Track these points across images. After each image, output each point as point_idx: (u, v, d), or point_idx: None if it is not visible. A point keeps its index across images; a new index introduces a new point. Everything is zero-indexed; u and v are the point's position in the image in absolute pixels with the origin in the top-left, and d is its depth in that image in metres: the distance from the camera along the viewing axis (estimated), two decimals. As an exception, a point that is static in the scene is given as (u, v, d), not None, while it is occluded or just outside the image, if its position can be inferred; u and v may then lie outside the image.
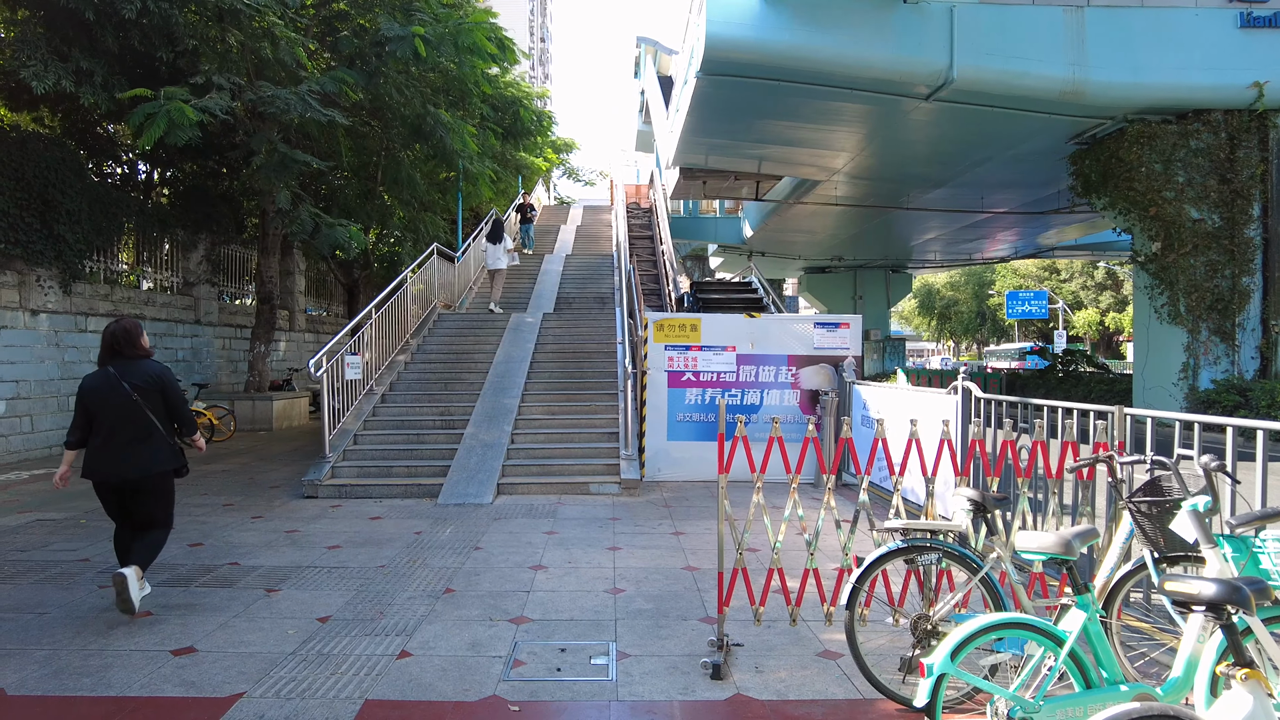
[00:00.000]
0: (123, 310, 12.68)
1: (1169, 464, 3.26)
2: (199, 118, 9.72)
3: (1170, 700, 2.63)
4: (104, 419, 4.57)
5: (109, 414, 4.57)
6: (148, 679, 3.66)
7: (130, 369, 4.63)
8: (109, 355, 4.69)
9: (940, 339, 61.61)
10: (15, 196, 10.45)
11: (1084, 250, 32.72)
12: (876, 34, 12.52)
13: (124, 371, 4.61)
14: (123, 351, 4.68)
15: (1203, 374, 13.38)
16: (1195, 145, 13.42)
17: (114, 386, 4.57)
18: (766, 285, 17.73)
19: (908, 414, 5.63)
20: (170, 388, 4.73)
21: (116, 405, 4.56)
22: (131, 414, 4.58)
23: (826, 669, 3.81)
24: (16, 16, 10.91)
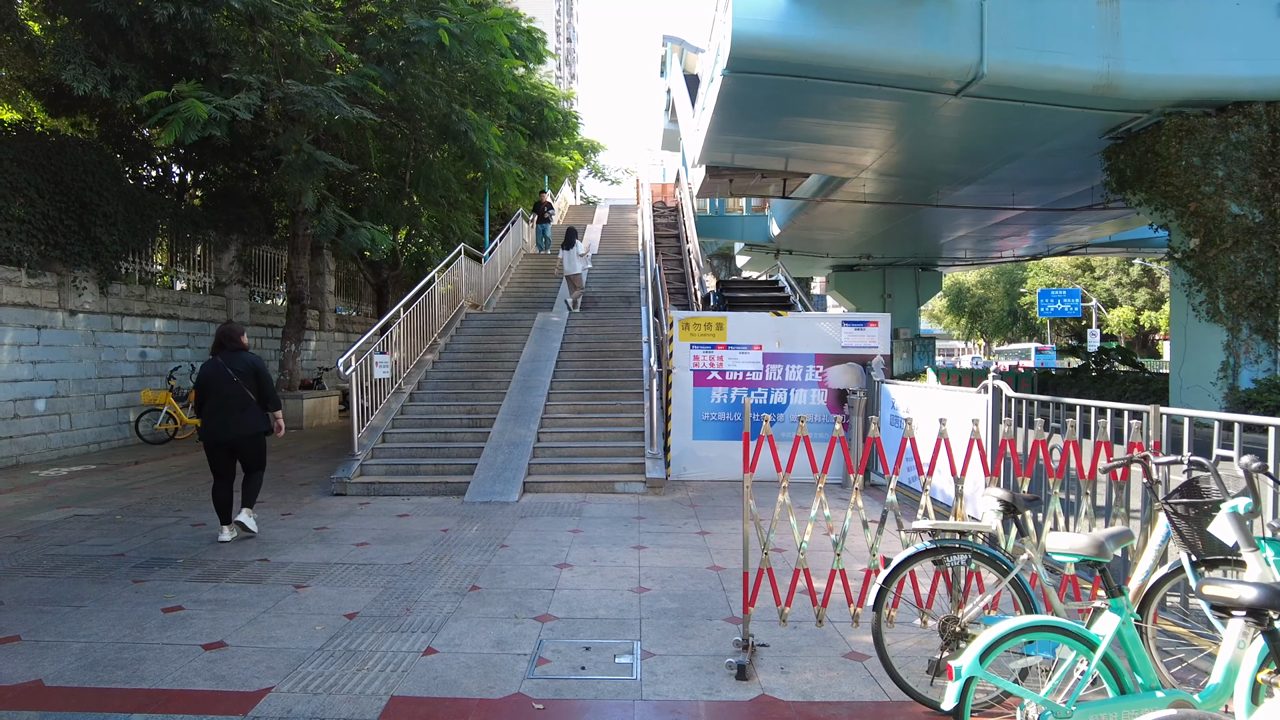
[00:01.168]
0: (157, 310, 12.92)
1: (1207, 465, 3.18)
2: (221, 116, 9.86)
3: (1209, 708, 2.56)
4: (214, 395, 6.13)
5: (218, 391, 6.12)
6: (180, 672, 3.72)
7: (233, 359, 6.20)
8: (218, 348, 6.29)
9: (971, 338, 60.77)
10: (55, 200, 10.69)
11: (1118, 247, 32.07)
12: (904, 29, 12.36)
13: (228, 360, 6.17)
14: (227, 346, 6.27)
15: (1243, 373, 13.04)
16: (1235, 138, 13.08)
17: (221, 371, 6.13)
18: (793, 284, 17.64)
19: (937, 413, 5.55)
20: (262, 373, 6.30)
21: (223, 385, 6.11)
22: (234, 391, 6.12)
23: (853, 670, 3.77)
24: (56, 24, 11.17)
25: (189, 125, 9.74)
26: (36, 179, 10.38)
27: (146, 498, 8.04)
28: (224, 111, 10.02)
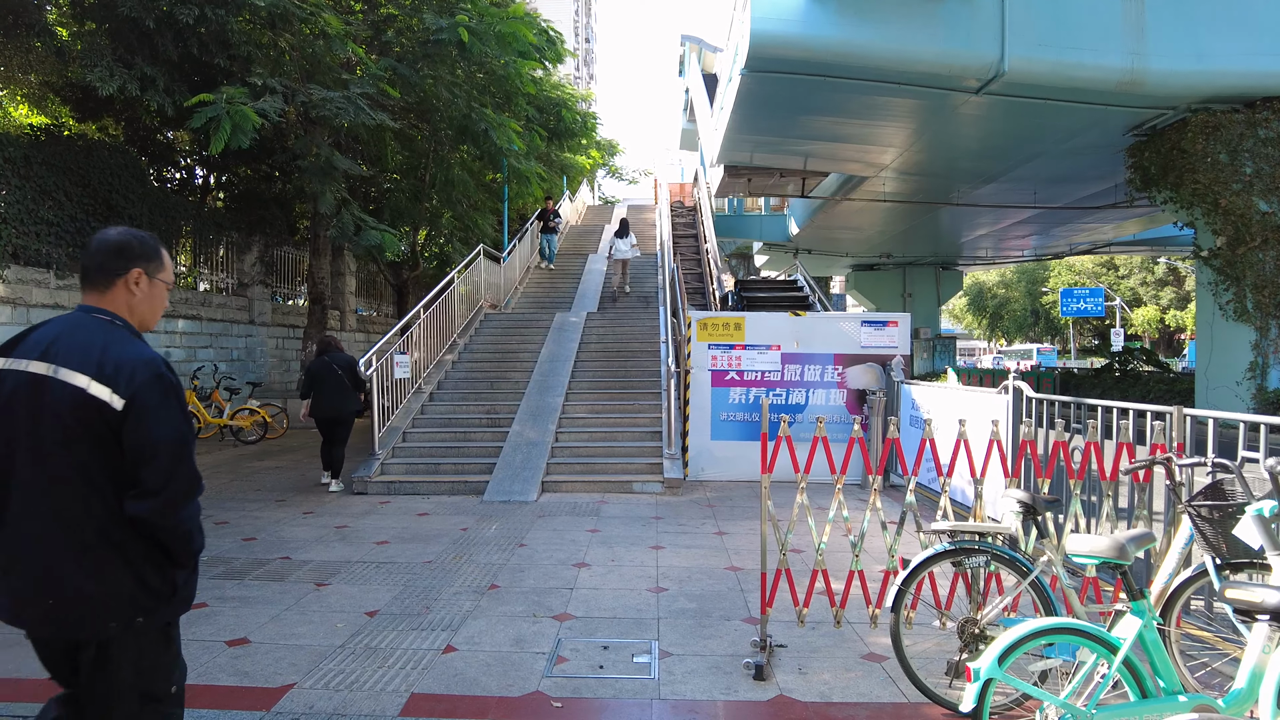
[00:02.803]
0: (180, 311, 13.11)
1: (1232, 467, 3.14)
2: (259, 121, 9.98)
3: (1233, 713, 2.53)
4: (322, 385, 8.59)
5: (324, 382, 8.58)
6: (204, 668, 3.77)
7: (335, 358, 8.71)
8: (321, 351, 8.84)
9: (993, 338, 60.23)
10: (82, 203, 10.89)
11: (1143, 245, 31.63)
12: (924, 26, 12.27)
13: (333, 359, 8.67)
14: (329, 350, 8.82)
15: (1272, 373, 12.82)
16: (1264, 134, 12.86)
17: (328, 367, 8.61)
18: (812, 283, 17.56)
19: (957, 414, 5.51)
20: (355, 369, 8.76)
21: (328, 377, 8.58)
22: (337, 383, 8.59)
23: (871, 672, 3.76)
24: (84, 29, 11.36)
25: (238, 131, 9.85)
26: (65, 182, 10.58)
27: (171, 496, 8.15)
28: (263, 117, 10.15)
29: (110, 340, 1.95)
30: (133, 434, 1.90)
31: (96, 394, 1.88)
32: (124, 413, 1.89)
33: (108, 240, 2.06)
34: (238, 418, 12.20)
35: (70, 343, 1.93)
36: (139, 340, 2.03)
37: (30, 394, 1.91)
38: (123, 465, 1.92)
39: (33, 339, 1.97)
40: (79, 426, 1.89)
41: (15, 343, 1.98)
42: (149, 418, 1.91)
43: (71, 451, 1.90)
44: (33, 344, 1.95)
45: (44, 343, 1.94)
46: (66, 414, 1.89)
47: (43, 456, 1.90)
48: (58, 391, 1.89)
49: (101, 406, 1.88)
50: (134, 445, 1.90)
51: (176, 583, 2.03)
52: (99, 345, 1.93)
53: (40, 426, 1.90)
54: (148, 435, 1.91)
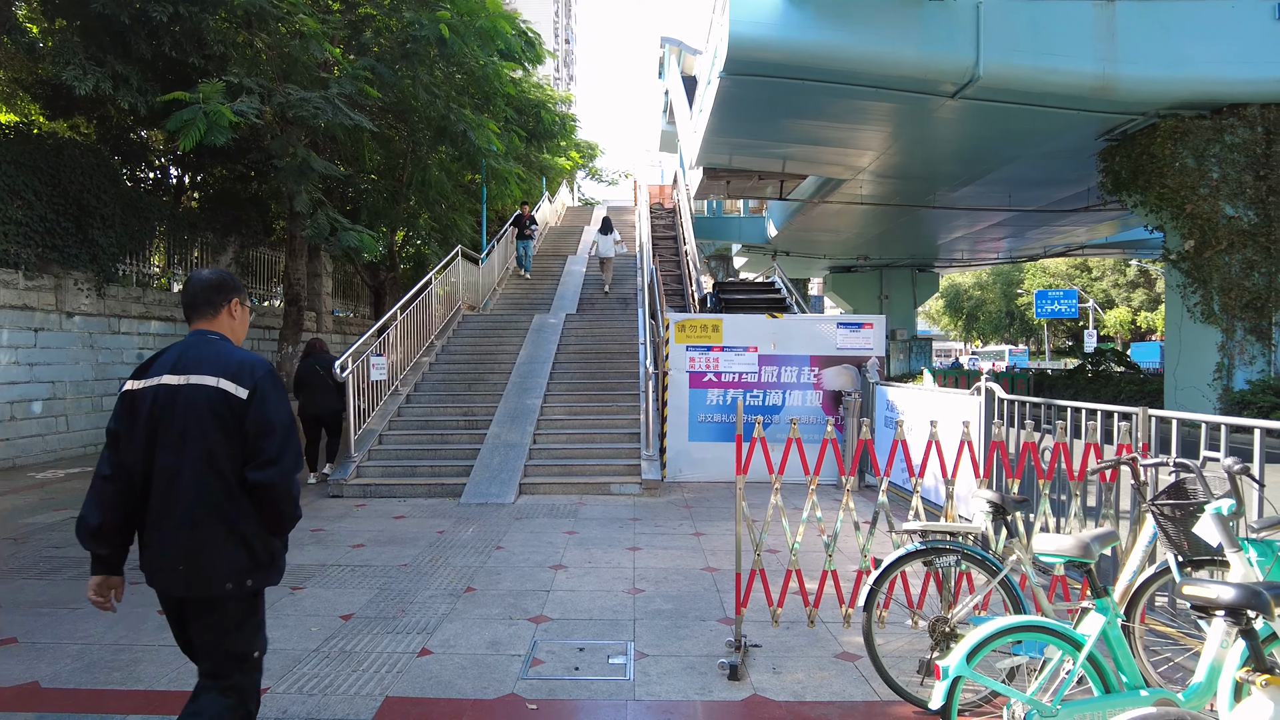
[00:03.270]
0: (154, 313, 12.92)
1: (1193, 466, 3.21)
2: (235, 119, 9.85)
3: (1192, 706, 2.59)
4: (308, 387, 9.12)
5: (310, 384, 9.11)
6: (175, 673, 3.74)
7: (320, 359, 9.21)
8: (308, 354, 9.40)
9: (969, 339, 60.89)
10: (52, 202, 10.71)
11: (1115, 248, 32.17)
12: (902, 31, 12.41)
13: (316, 360, 9.17)
14: (315, 352, 9.36)
15: (1237, 374, 13.09)
16: (1230, 140, 13.14)
17: (311, 369, 9.13)
18: (790, 285, 17.66)
19: (931, 415, 5.58)
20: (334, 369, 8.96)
21: (313, 380, 9.09)
22: (322, 383, 9.04)
23: (844, 670, 3.80)
24: (55, 26, 11.18)
25: (214, 129, 9.67)
26: (34, 181, 10.40)
27: (143, 499, 8.05)
28: (240, 116, 10.01)
29: (226, 350, 2.50)
30: (255, 415, 2.39)
31: (225, 387, 2.39)
32: (247, 400, 2.39)
33: (208, 280, 2.61)
34: (212, 420, 12.06)
35: (195, 356, 2.45)
36: (240, 348, 2.57)
37: (167, 400, 2.40)
38: (241, 451, 2.39)
39: (160, 362, 2.49)
40: (210, 416, 2.37)
41: (146, 368, 2.51)
42: (268, 403, 2.42)
43: (203, 441, 2.36)
44: (161, 365, 2.47)
45: (171, 361, 2.46)
46: (201, 407, 2.37)
47: (177, 448, 2.37)
48: (193, 392, 2.39)
49: (229, 396, 2.39)
50: (255, 424, 2.38)
51: (274, 553, 2.50)
52: (220, 354, 2.46)
53: (176, 423, 2.38)
54: (267, 416, 2.40)
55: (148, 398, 2.43)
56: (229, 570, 2.38)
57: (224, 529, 2.38)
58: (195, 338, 2.54)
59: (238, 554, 2.40)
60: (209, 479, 2.37)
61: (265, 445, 2.38)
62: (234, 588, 2.39)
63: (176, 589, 2.42)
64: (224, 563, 2.38)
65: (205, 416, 2.37)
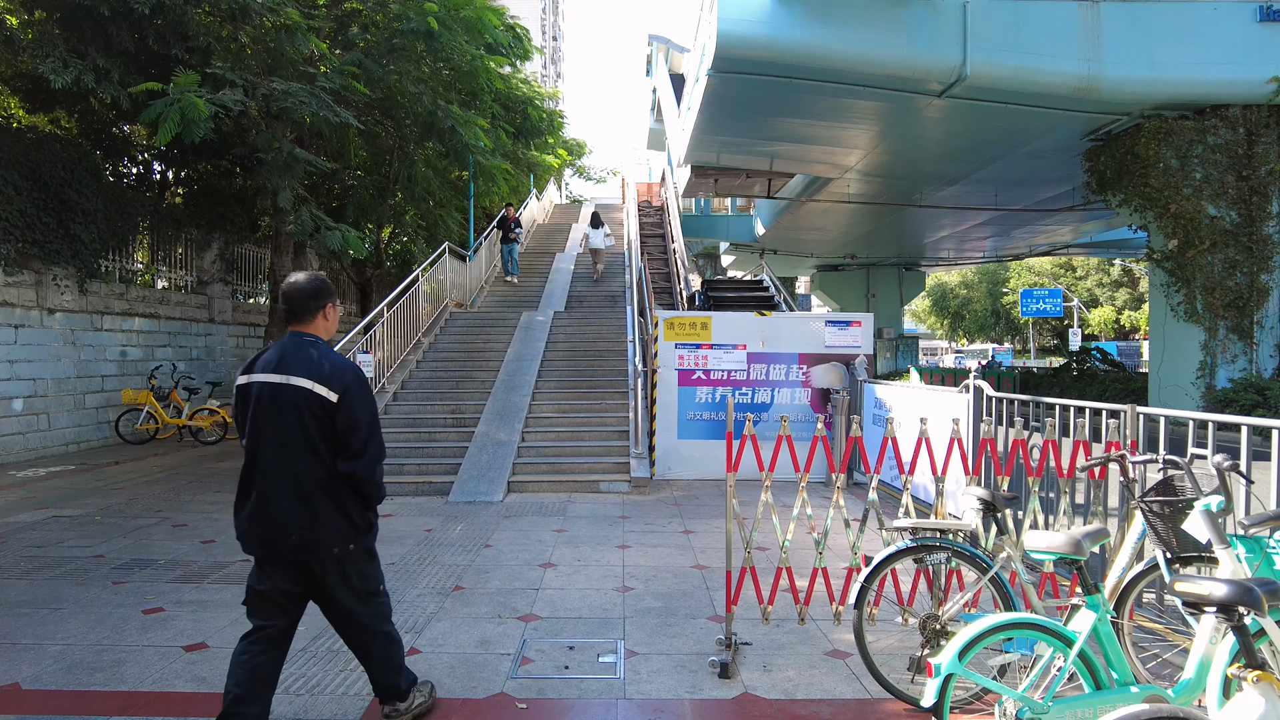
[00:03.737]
0: (138, 309, 12.79)
1: (1182, 463, 3.23)
2: (213, 110, 9.70)
3: (1182, 702, 2.61)
4: None
5: None
6: (160, 674, 3.69)
7: None
8: None
9: (955, 337, 61.26)
10: (33, 197, 10.57)
11: (1100, 248, 32.42)
12: (889, 31, 12.44)
13: None
14: None
15: (1220, 373, 13.22)
16: (1213, 141, 13.26)
17: None
18: (778, 283, 17.70)
19: (919, 412, 5.59)
20: None
21: None
22: None
23: (835, 668, 3.80)
24: (34, 17, 11.02)
25: (188, 123, 9.52)
26: (14, 176, 10.26)
27: (127, 498, 7.96)
28: (220, 108, 9.86)
29: (320, 354, 2.89)
30: (344, 415, 2.84)
31: (319, 391, 2.81)
32: (338, 402, 2.83)
33: (306, 289, 2.98)
34: (197, 418, 11.95)
35: (294, 359, 2.86)
36: (335, 351, 2.95)
37: (271, 395, 2.83)
38: (335, 438, 2.85)
39: (263, 360, 2.91)
40: (308, 412, 2.81)
41: (251, 365, 2.93)
42: (355, 404, 2.86)
43: (303, 431, 2.81)
44: (264, 363, 2.89)
45: (273, 361, 2.87)
46: (300, 404, 2.81)
47: (283, 436, 2.81)
48: (292, 392, 2.82)
49: (323, 399, 2.81)
50: (345, 422, 2.84)
51: (371, 520, 3.05)
52: (315, 359, 2.86)
53: (280, 415, 2.82)
54: (355, 415, 2.86)
55: (253, 391, 2.87)
56: (336, 537, 2.87)
57: (331, 503, 2.86)
58: (293, 340, 2.94)
59: (342, 523, 2.89)
60: (314, 462, 2.83)
61: (352, 441, 2.86)
62: (340, 551, 2.89)
63: (289, 554, 2.86)
64: (331, 531, 2.86)
65: (304, 412, 2.81)
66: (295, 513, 2.82)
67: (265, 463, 2.83)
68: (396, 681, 3.12)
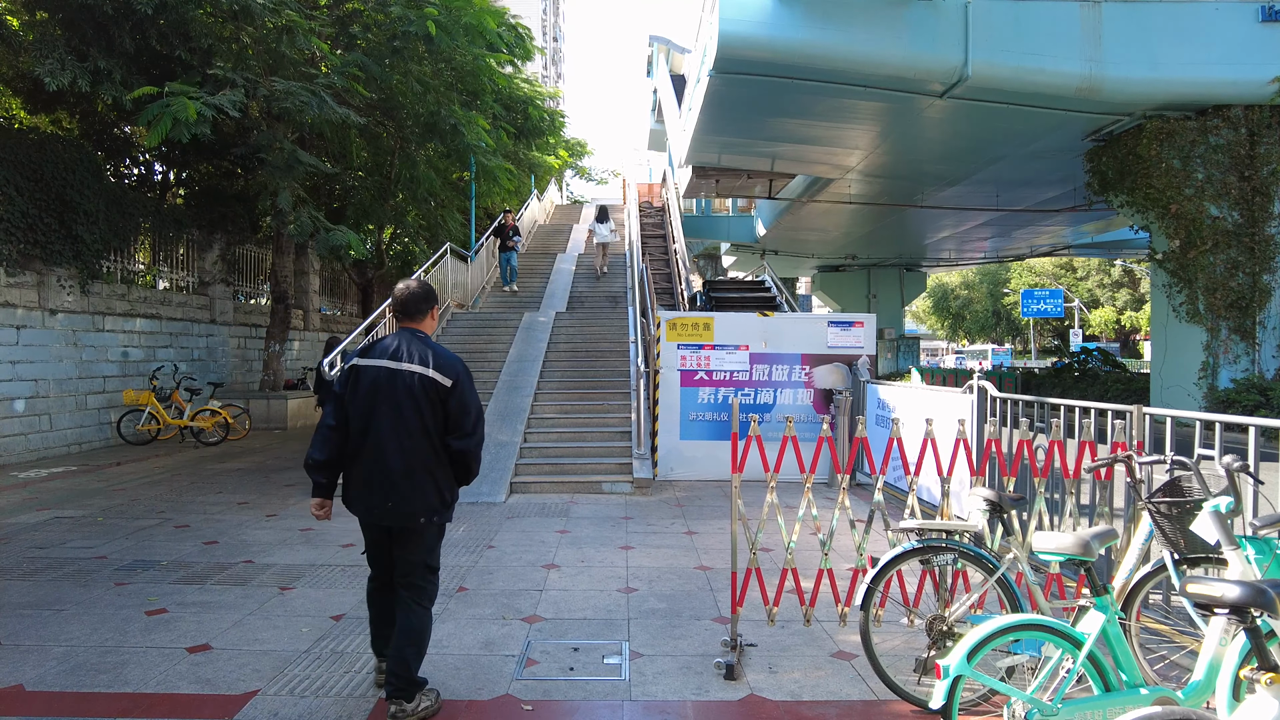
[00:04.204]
0: (139, 310, 12.78)
1: (1189, 464, 3.22)
2: (208, 113, 9.70)
3: (1191, 704, 2.59)
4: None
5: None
6: (163, 676, 3.68)
7: None
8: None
9: (955, 338, 61.25)
10: (34, 197, 10.56)
11: (1101, 248, 32.41)
12: (890, 31, 12.44)
13: None
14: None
15: (1222, 373, 13.22)
16: (1214, 141, 13.26)
17: None
18: (780, 284, 17.68)
19: (923, 413, 5.58)
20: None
21: None
22: None
23: (841, 670, 3.79)
24: (36, 18, 11.02)
25: (178, 125, 9.54)
26: (16, 176, 10.25)
27: (129, 499, 7.95)
28: (211, 109, 9.86)
29: (430, 348, 3.30)
30: (457, 400, 3.23)
31: (434, 376, 3.21)
32: (451, 388, 3.23)
33: (418, 293, 3.42)
34: (199, 419, 11.94)
35: (408, 350, 3.25)
36: (441, 346, 3.37)
37: (387, 379, 3.20)
38: (446, 419, 3.23)
39: (380, 348, 3.29)
40: (422, 396, 3.19)
41: (368, 351, 3.30)
42: (465, 391, 3.26)
43: (417, 412, 3.19)
44: (381, 350, 3.27)
45: (389, 350, 3.26)
46: (415, 388, 3.19)
47: (395, 416, 3.18)
48: (409, 377, 3.20)
49: (437, 384, 3.21)
50: (457, 406, 3.23)
51: (455, 497, 3.37)
52: (427, 351, 3.28)
53: (395, 397, 3.19)
54: (466, 401, 3.26)
55: (370, 374, 3.23)
56: (425, 509, 3.22)
57: (428, 479, 3.21)
58: (407, 334, 3.34)
59: (433, 498, 3.23)
60: (422, 440, 3.19)
61: (464, 422, 3.25)
62: (425, 521, 3.23)
63: (384, 520, 3.24)
64: (423, 503, 3.21)
65: (418, 395, 3.18)
66: (399, 482, 3.17)
67: (377, 437, 3.18)
68: (412, 670, 3.22)
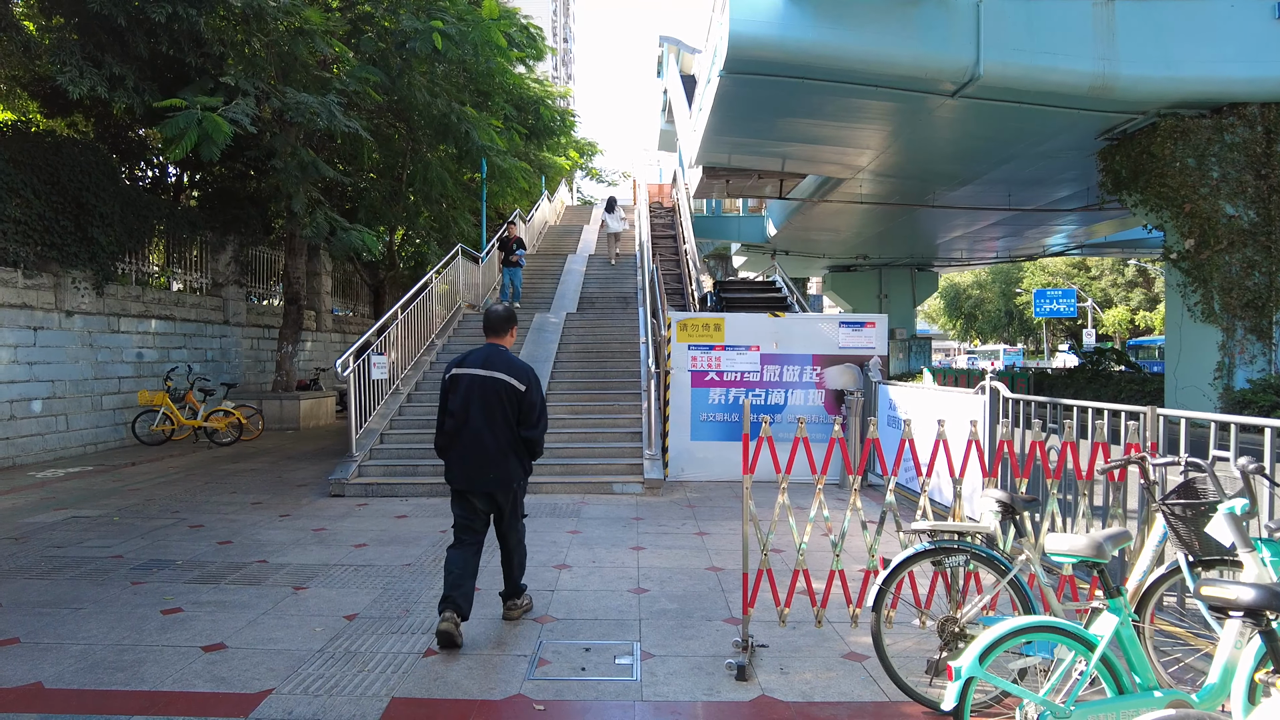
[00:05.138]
0: (153, 311, 12.89)
1: (1204, 465, 3.20)
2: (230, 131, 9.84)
3: (1206, 707, 2.58)
4: None
5: None
6: (179, 674, 3.72)
7: None
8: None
9: (967, 338, 60.90)
10: (51, 200, 10.67)
11: (1114, 247, 32.14)
12: (901, 30, 12.38)
13: None
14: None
15: (1238, 373, 13.08)
16: (1230, 140, 13.12)
17: None
18: (790, 284, 17.64)
19: (934, 414, 5.56)
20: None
21: None
22: None
23: (852, 671, 3.78)
24: (52, 24, 11.13)
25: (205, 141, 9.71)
26: (33, 180, 10.37)
27: (144, 499, 8.02)
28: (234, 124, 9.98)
29: (511, 359, 4.33)
30: (527, 400, 4.26)
31: (513, 382, 4.23)
32: (524, 392, 4.25)
33: (503, 315, 4.48)
34: (212, 419, 12.03)
35: (496, 360, 4.29)
36: (516, 357, 4.37)
37: (480, 384, 4.22)
38: (520, 414, 4.26)
39: (471, 358, 4.32)
40: (506, 398, 4.22)
41: (462, 361, 4.34)
42: (534, 394, 4.31)
43: (501, 408, 4.22)
44: (473, 361, 4.30)
45: (480, 360, 4.28)
46: (501, 392, 4.22)
47: (488, 411, 4.21)
48: (496, 383, 4.22)
49: (515, 388, 4.24)
50: (528, 405, 4.26)
51: (531, 468, 4.45)
52: (510, 361, 4.31)
53: (486, 397, 4.21)
54: (534, 400, 4.29)
55: (466, 380, 4.25)
56: (516, 477, 4.31)
57: (514, 457, 4.27)
58: (492, 348, 4.36)
59: (519, 469, 4.32)
60: (506, 431, 4.24)
61: (531, 416, 4.28)
62: (517, 486, 4.35)
63: (488, 487, 4.25)
64: (514, 473, 4.29)
65: (503, 397, 4.23)
66: (495, 460, 4.20)
67: (474, 427, 4.19)
68: (519, 584, 4.57)
